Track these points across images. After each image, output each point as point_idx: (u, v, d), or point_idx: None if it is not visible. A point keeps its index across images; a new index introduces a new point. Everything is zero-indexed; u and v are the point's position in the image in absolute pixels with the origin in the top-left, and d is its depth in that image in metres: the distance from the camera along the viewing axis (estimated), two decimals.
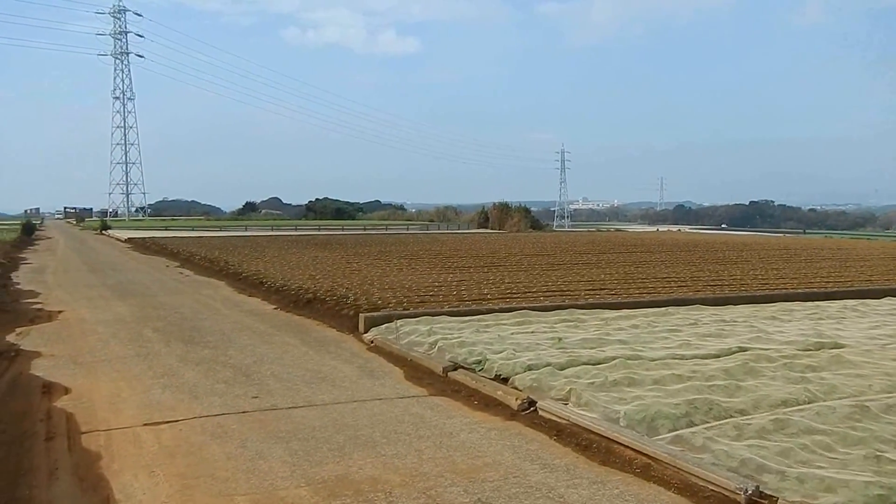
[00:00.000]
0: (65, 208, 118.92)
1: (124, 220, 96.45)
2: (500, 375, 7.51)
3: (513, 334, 9.61)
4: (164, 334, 10.80)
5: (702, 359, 8.17)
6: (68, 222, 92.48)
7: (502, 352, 8.23)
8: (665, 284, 15.84)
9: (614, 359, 7.91)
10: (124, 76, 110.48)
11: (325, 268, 19.56)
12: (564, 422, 6.18)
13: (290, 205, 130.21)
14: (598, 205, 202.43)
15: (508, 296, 13.63)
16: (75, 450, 5.75)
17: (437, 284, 15.41)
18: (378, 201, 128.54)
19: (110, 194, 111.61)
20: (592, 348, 8.64)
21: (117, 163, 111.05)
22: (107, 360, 9.03)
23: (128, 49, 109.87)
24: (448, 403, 7.04)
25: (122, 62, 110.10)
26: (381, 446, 5.74)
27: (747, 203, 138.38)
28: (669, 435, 5.59)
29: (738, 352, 8.47)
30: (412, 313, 11.11)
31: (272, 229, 60.16)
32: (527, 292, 14.21)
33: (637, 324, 10.56)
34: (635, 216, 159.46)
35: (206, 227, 63.12)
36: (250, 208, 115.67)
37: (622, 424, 5.87)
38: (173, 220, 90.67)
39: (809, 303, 13.23)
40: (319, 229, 60.46)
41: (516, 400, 6.78)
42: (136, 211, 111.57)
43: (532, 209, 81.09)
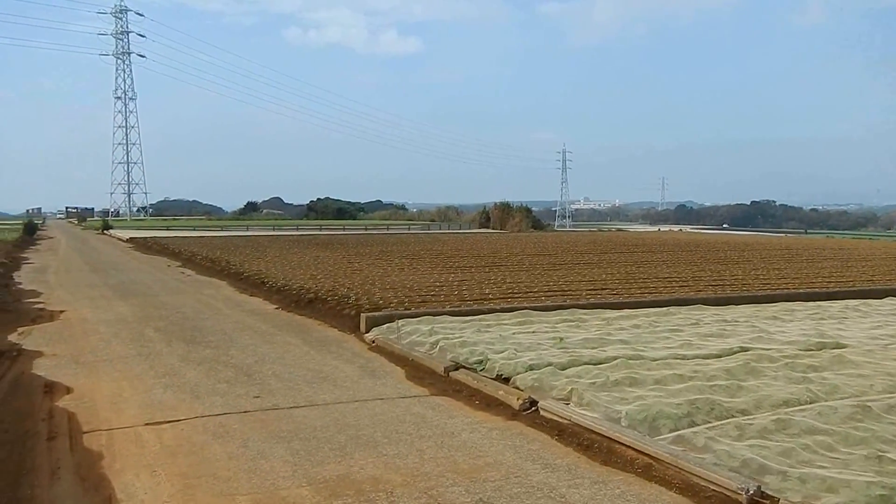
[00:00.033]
0: (66, 208, 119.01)
1: (126, 219, 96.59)
2: (502, 375, 7.51)
3: (514, 334, 9.61)
4: (166, 334, 10.81)
5: (703, 359, 8.16)
6: (70, 222, 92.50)
7: (504, 352, 8.23)
8: (666, 284, 15.83)
9: (616, 359, 7.90)
10: (126, 76, 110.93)
11: (327, 268, 19.57)
12: (566, 422, 6.18)
13: (291, 205, 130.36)
14: (600, 205, 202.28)
15: (510, 296, 13.63)
16: (77, 449, 5.75)
17: (438, 284, 15.41)
18: (379, 201, 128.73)
19: (112, 194, 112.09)
20: (594, 348, 8.63)
21: (119, 162, 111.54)
22: (108, 359, 9.04)
23: (129, 49, 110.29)
24: (449, 403, 7.04)
25: (124, 62, 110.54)
26: (382, 446, 5.75)
27: (749, 203, 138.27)
28: (671, 435, 5.59)
29: (739, 352, 8.46)
30: (413, 313, 11.12)
31: (273, 229, 60.22)
32: (528, 292, 14.21)
33: (638, 324, 10.55)
34: (637, 216, 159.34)
35: (207, 227, 63.14)
36: (252, 208, 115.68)
37: (624, 424, 5.86)
38: (175, 219, 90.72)
39: (811, 303, 13.21)
40: (321, 229, 60.42)
41: (518, 400, 6.78)
42: (138, 211, 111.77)
43: (533, 209, 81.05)
